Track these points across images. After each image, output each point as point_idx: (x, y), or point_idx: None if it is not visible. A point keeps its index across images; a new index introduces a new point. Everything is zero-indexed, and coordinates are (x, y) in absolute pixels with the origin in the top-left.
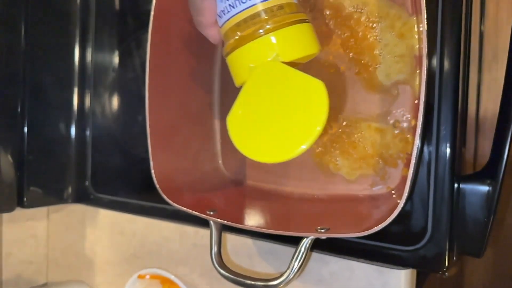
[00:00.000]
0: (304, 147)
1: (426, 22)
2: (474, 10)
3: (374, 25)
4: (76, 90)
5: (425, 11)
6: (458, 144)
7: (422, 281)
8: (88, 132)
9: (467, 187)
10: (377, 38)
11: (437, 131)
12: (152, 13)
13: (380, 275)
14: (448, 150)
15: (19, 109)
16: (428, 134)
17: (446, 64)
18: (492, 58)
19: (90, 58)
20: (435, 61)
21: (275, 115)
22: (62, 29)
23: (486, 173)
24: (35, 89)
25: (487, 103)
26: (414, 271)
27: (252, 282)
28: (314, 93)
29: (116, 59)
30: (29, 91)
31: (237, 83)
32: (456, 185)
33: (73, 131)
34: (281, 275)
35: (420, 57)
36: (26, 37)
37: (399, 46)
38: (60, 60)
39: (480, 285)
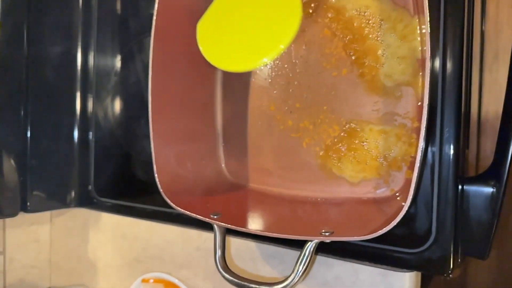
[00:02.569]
0: (265, 60)
1: (429, 25)
2: (475, 11)
3: (377, 26)
4: (78, 95)
5: (428, 13)
6: (461, 146)
7: (427, 283)
8: (90, 136)
9: (471, 189)
10: (379, 40)
11: (441, 133)
12: (154, 17)
13: (385, 278)
14: (451, 152)
15: (22, 114)
16: (431, 136)
17: (449, 65)
18: (493, 59)
19: (92, 62)
20: (437, 63)
21: (245, 26)
22: (64, 34)
23: (490, 175)
24: (37, 93)
25: (489, 104)
26: (419, 273)
27: (257, 286)
28: (288, 9)
29: (118, 63)
30: (31, 96)
31: None
32: (460, 187)
33: (76, 135)
34: (286, 278)
35: (423, 59)
36: (29, 42)
37: (401, 48)
38: (62, 64)
39: (484, 286)
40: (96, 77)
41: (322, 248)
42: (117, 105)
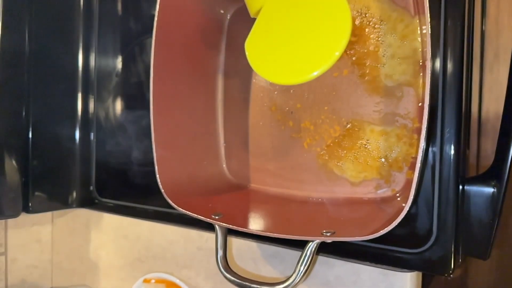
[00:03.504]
0: (316, 73)
1: (430, 26)
2: (475, 11)
3: (377, 26)
4: (80, 95)
5: (428, 13)
6: (462, 146)
7: (428, 283)
8: (92, 137)
9: (472, 189)
10: (380, 40)
11: (441, 133)
12: (155, 18)
13: (386, 278)
14: (452, 152)
15: (23, 115)
16: (432, 136)
17: (450, 66)
18: (494, 59)
19: (94, 63)
20: (438, 63)
21: (293, 37)
22: (65, 35)
23: (491, 175)
24: (39, 94)
25: (489, 103)
26: (420, 273)
27: (258, 286)
28: (336, 14)
29: (119, 64)
30: (33, 97)
31: (252, 11)
32: (461, 187)
33: (77, 136)
34: (287, 279)
35: (424, 60)
36: (30, 42)
37: (402, 48)
38: (63, 65)
39: (485, 287)
40: (97, 78)
41: (323, 248)
42: (119, 105)
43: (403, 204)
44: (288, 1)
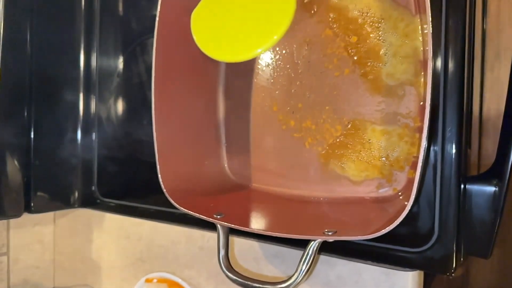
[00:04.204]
0: (259, 50)
1: (431, 25)
2: (476, 9)
3: (378, 26)
4: (81, 96)
5: (430, 12)
6: (463, 145)
7: (429, 282)
8: (94, 137)
9: (473, 188)
10: (381, 39)
11: (443, 132)
12: (157, 18)
13: (388, 277)
14: (454, 151)
15: (25, 115)
16: (433, 135)
17: (451, 64)
18: (495, 58)
19: (95, 64)
20: (439, 62)
21: (239, 16)
22: (67, 35)
23: (492, 174)
24: (41, 95)
25: (490, 102)
26: (421, 272)
27: (260, 286)
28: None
29: (121, 64)
30: (35, 97)
31: None
32: (462, 186)
33: (79, 136)
34: (289, 278)
35: (425, 59)
36: (32, 43)
37: (403, 47)
38: (65, 65)
39: (486, 285)
40: (99, 78)
41: (325, 248)
42: (120, 105)
43: (405, 203)
44: None
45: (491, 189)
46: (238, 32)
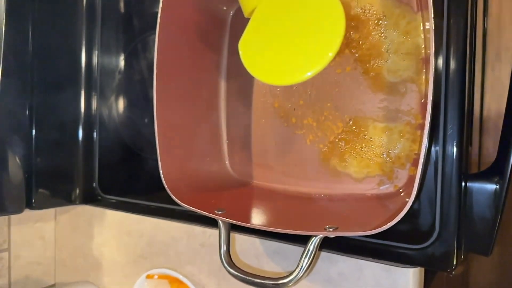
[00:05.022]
0: (309, 73)
1: (433, 21)
2: (478, 9)
3: (380, 23)
4: (82, 93)
5: (432, 9)
6: (465, 143)
7: (430, 280)
8: (95, 134)
9: (474, 185)
10: (383, 36)
11: (444, 129)
12: (159, 15)
13: (388, 274)
14: (455, 149)
15: (27, 112)
16: (435, 133)
17: (452, 62)
18: (495, 57)
19: (97, 61)
20: (441, 60)
21: (286, 38)
22: (68, 33)
23: (494, 171)
24: (42, 92)
25: (491, 102)
26: (422, 269)
27: (262, 281)
28: (330, 15)
29: (122, 62)
30: (36, 94)
31: (246, 11)
32: (463, 183)
33: (80, 133)
34: (290, 273)
35: (427, 56)
36: (33, 41)
37: (405, 44)
38: (66, 63)
39: (486, 283)
40: (100, 75)
41: (326, 244)
42: (121, 103)
43: (406, 200)
44: (282, 2)
45: (492, 186)
46: (287, 55)
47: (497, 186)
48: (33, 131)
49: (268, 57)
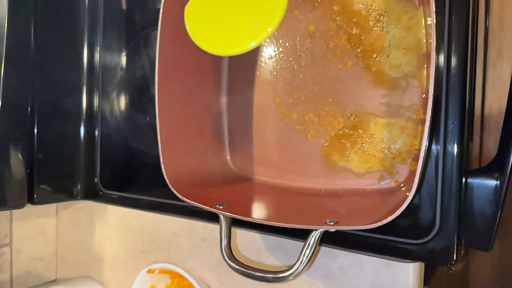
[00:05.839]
0: (253, 43)
1: (435, 16)
2: (479, 6)
3: (381, 18)
4: (84, 89)
5: (434, 5)
6: (465, 138)
7: (429, 276)
8: (97, 130)
9: (475, 181)
10: (384, 31)
11: (445, 125)
12: (161, 11)
13: (389, 269)
14: (456, 144)
15: (29, 109)
16: (436, 128)
17: (454, 59)
18: (497, 55)
19: (99, 57)
20: (442, 55)
21: (233, 9)
22: (71, 28)
23: (494, 167)
24: (44, 87)
25: (492, 100)
26: (422, 264)
27: (262, 275)
28: None
29: (124, 58)
30: (38, 90)
31: None
32: (464, 179)
33: (82, 129)
34: (291, 267)
35: (428, 51)
36: (36, 37)
37: (407, 39)
38: (68, 59)
39: (486, 280)
40: (102, 71)
41: (327, 239)
42: (123, 98)
43: (407, 194)
44: None
45: (492, 182)
46: (232, 25)
47: (498, 182)
48: (35, 126)
49: (212, 26)
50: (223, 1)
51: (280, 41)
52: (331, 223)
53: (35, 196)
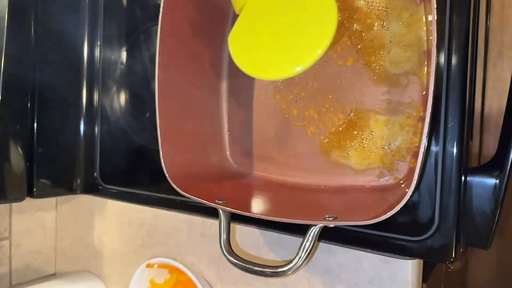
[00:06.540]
0: (299, 68)
1: (436, 13)
2: (481, 6)
3: (383, 14)
4: (84, 83)
5: (435, 1)
6: (465, 136)
7: (428, 273)
8: (96, 124)
9: (474, 179)
10: (385, 27)
11: (445, 122)
12: (161, 5)
13: (387, 265)
14: (455, 142)
15: (29, 103)
16: (435, 125)
17: (454, 57)
18: (497, 55)
19: (99, 52)
20: (443, 53)
21: (276, 33)
22: (70, 24)
23: (494, 165)
24: (44, 83)
25: (492, 100)
26: (421, 261)
27: (261, 269)
28: (322, 11)
29: (124, 53)
30: (38, 85)
31: (237, 8)
32: (463, 177)
33: (82, 123)
34: (290, 262)
35: (429, 49)
36: (36, 32)
37: (407, 36)
38: (69, 53)
39: (484, 279)
40: (102, 66)
41: (326, 235)
42: (123, 93)
43: (406, 190)
44: None
45: (492, 180)
46: (277, 50)
47: (497, 181)
48: (35, 121)
49: (257, 51)
50: (268, 25)
51: None
52: (330, 219)
53: (35, 189)
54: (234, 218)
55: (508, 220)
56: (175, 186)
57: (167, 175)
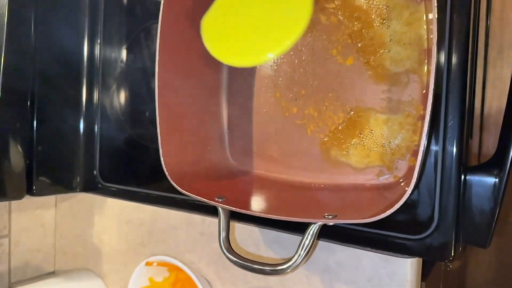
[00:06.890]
0: (270, 55)
1: (436, 11)
2: (481, 5)
3: (383, 13)
4: (84, 81)
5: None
6: (465, 135)
7: (427, 273)
8: (96, 122)
9: (474, 178)
10: (385, 24)
11: (445, 121)
12: (162, 3)
13: (387, 264)
14: (455, 141)
15: (28, 101)
16: (435, 124)
17: (454, 56)
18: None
19: (99, 50)
20: (443, 51)
21: (250, 21)
22: (71, 22)
23: (493, 164)
24: (44, 81)
25: (492, 100)
26: (420, 260)
27: (260, 267)
28: (297, 4)
29: (124, 51)
30: (38, 83)
31: None
32: (463, 176)
33: (82, 121)
34: (289, 260)
35: (429, 47)
36: (36, 30)
37: (407, 34)
38: (69, 51)
39: (483, 278)
40: (102, 64)
41: (325, 233)
42: (123, 92)
43: (406, 189)
44: None
45: (491, 179)
46: (249, 37)
47: (497, 180)
48: (35, 119)
49: (230, 38)
50: (241, 12)
51: None
52: (330, 217)
53: (34, 187)
54: (234, 216)
55: (508, 219)
56: (174, 184)
57: (166, 173)
